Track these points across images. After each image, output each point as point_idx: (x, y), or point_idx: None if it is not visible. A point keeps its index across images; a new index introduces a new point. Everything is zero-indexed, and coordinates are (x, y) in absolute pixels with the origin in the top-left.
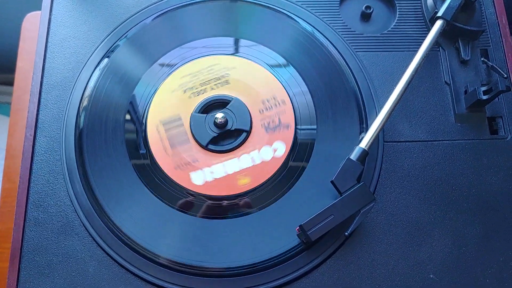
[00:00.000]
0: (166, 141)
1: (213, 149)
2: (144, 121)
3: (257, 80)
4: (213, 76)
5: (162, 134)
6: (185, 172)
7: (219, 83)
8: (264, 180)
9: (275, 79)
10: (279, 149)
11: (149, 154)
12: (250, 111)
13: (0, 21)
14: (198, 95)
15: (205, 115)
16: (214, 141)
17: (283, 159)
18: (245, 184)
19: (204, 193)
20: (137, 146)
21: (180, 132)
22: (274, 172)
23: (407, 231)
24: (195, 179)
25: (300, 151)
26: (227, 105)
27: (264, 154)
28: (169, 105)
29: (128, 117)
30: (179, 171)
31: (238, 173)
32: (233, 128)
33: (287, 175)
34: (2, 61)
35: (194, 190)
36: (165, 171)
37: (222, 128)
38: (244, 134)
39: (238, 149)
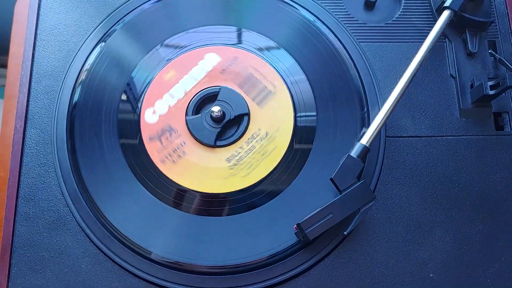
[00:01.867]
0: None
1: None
2: (139, 111)
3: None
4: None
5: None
6: None
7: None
8: (261, 177)
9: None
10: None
11: (141, 147)
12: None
13: None
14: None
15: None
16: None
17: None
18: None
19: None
20: (131, 138)
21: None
22: (272, 169)
23: (407, 229)
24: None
25: (300, 141)
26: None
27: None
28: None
29: (122, 108)
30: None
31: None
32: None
33: (285, 171)
34: None
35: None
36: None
37: (222, 120)
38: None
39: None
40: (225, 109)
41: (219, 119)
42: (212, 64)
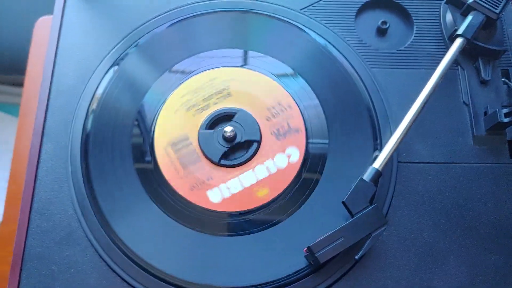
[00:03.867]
0: (177, 162)
1: (226, 164)
2: (152, 130)
3: (259, 88)
4: (214, 90)
5: (172, 156)
6: (201, 191)
7: (221, 96)
8: (273, 197)
9: (278, 85)
10: (293, 155)
11: (155, 165)
12: (257, 120)
13: (11, 22)
14: (202, 111)
15: (213, 130)
16: (226, 155)
17: (298, 168)
18: (264, 195)
19: (222, 210)
20: (145, 158)
21: (189, 151)
22: (282, 190)
23: (420, 257)
24: (212, 197)
25: (310, 168)
26: (232, 117)
27: (278, 161)
28: (174, 125)
29: (136, 126)
30: (195, 191)
31: (255, 185)
32: (243, 140)
33: (296, 194)
34: (12, 62)
35: (203, 206)
36: (172, 184)
37: (232, 141)
38: (255, 145)
39: (251, 161)
40: (237, 130)
41: (228, 139)
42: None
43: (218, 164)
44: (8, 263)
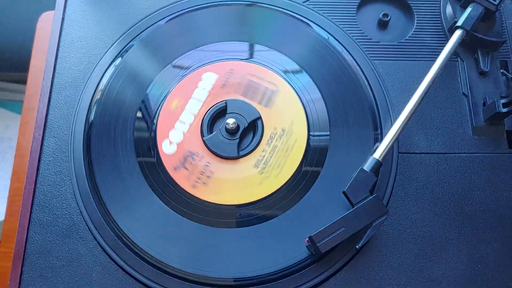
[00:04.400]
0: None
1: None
2: (154, 125)
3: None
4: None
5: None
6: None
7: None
8: (275, 189)
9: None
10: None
11: (157, 158)
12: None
13: (14, 19)
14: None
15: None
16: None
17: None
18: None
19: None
20: (147, 150)
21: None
22: (285, 181)
23: (420, 246)
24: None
25: (312, 159)
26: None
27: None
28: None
29: (139, 120)
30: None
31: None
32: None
33: (298, 184)
34: (15, 59)
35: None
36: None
37: (237, 131)
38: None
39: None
40: (237, 119)
41: (234, 131)
42: (211, 82)
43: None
44: (10, 260)
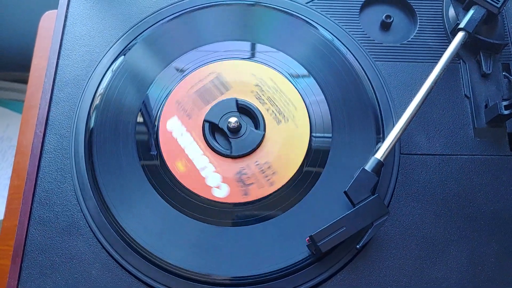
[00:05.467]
0: (201, 84)
1: (204, 130)
2: (156, 124)
3: (289, 148)
4: (282, 107)
5: (207, 79)
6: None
7: (275, 115)
8: (276, 188)
9: (298, 163)
10: (221, 191)
11: (160, 157)
12: (255, 152)
13: (17, 19)
14: (257, 98)
15: (235, 110)
16: (213, 128)
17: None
18: (178, 169)
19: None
20: (148, 147)
21: (214, 93)
22: (287, 180)
23: (421, 247)
24: (170, 123)
25: (314, 159)
26: (255, 127)
27: (211, 177)
28: (237, 75)
29: (140, 118)
30: (175, 106)
31: (186, 158)
32: (231, 139)
33: (299, 184)
34: (18, 59)
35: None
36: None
37: (228, 130)
38: (228, 153)
39: (211, 152)
40: (236, 116)
41: (237, 129)
42: (179, 125)
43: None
44: (9, 258)
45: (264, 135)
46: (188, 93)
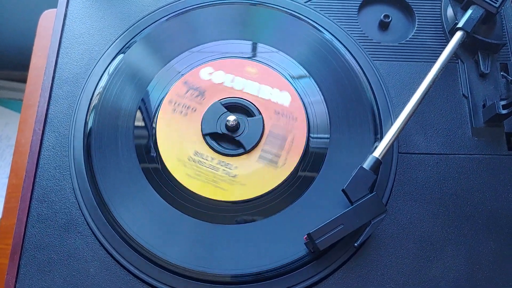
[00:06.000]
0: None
1: (208, 143)
2: (155, 120)
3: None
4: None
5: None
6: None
7: None
8: (274, 186)
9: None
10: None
11: (158, 156)
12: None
13: (16, 18)
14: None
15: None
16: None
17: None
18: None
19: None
20: (147, 144)
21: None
22: (284, 178)
23: (419, 246)
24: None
25: (312, 158)
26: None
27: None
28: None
29: (138, 117)
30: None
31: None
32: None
33: (298, 182)
34: (17, 58)
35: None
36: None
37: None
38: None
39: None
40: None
41: (235, 128)
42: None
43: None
44: (7, 257)
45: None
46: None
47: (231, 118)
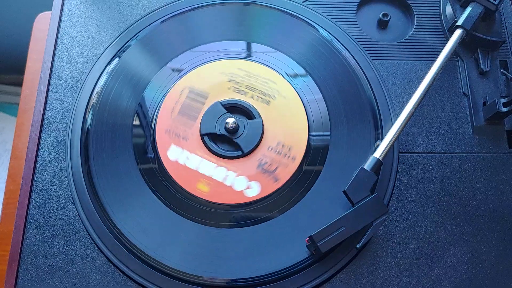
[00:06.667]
0: (179, 105)
1: (206, 143)
2: (153, 125)
3: (290, 120)
4: (263, 88)
5: (182, 97)
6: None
7: (261, 98)
8: (275, 189)
9: (305, 130)
10: (252, 190)
11: (157, 159)
12: (262, 140)
13: (11, 22)
14: (237, 92)
15: (225, 112)
16: (213, 138)
17: (253, 199)
18: (202, 191)
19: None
20: (145, 150)
21: (196, 107)
22: (285, 181)
23: (421, 246)
24: (170, 153)
25: (313, 159)
26: (251, 118)
27: (237, 182)
28: (208, 80)
29: (136, 119)
30: (167, 136)
31: (203, 177)
32: (235, 139)
33: (298, 184)
34: (12, 62)
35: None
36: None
37: (228, 133)
38: (239, 153)
39: (224, 160)
40: (241, 128)
41: (235, 129)
42: (178, 152)
43: (201, 136)
44: (6, 263)
45: (262, 121)
46: (172, 118)
47: (230, 120)
